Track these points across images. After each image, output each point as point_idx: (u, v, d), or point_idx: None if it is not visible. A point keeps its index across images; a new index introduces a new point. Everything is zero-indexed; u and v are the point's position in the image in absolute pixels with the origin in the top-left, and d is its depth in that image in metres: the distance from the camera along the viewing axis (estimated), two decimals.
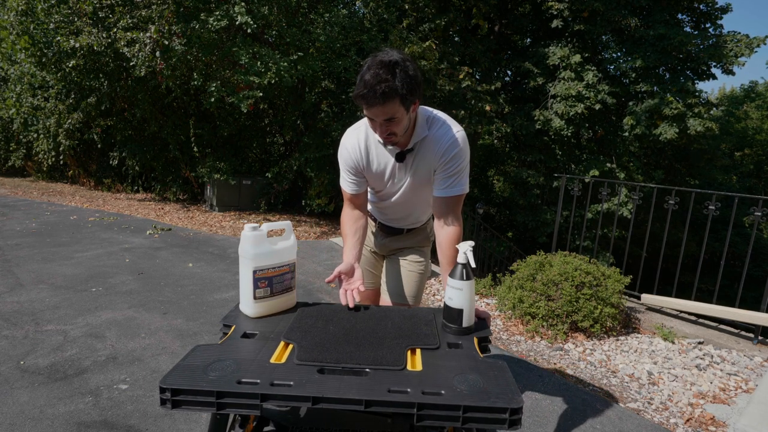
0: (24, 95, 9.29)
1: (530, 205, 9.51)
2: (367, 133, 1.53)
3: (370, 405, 0.90)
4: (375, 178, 1.59)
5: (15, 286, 3.59)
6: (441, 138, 1.47)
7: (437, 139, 1.47)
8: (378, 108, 1.29)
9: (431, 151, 1.48)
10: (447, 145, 1.46)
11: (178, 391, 0.91)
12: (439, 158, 1.48)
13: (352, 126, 1.58)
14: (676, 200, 3.52)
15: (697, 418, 2.31)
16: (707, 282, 6.70)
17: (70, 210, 7.07)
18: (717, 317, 3.28)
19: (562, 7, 8.68)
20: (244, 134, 9.03)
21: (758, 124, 18.24)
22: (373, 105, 1.28)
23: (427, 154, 1.49)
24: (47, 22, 6.55)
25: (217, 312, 3.26)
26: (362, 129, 1.54)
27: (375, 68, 1.26)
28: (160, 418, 2.02)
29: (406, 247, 1.80)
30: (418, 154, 1.50)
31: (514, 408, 0.88)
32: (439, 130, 1.48)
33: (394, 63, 1.27)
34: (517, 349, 3.02)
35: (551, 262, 3.43)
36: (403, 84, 1.27)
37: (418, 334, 1.19)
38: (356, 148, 1.53)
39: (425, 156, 1.49)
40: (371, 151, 1.54)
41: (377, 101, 1.27)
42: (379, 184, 1.60)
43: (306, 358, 1.03)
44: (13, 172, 12.60)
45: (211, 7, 6.14)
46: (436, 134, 1.47)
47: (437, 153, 1.47)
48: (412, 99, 1.33)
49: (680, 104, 8.08)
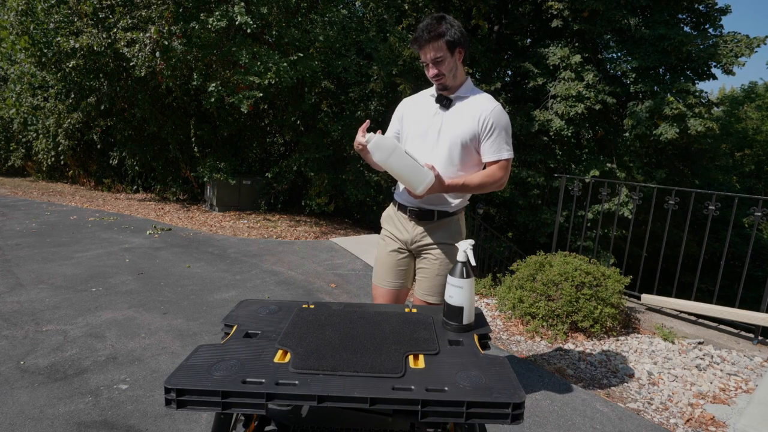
0: (24, 95, 9.30)
1: (530, 206, 9.51)
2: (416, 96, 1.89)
3: (375, 403, 0.90)
4: (415, 121, 1.81)
5: (15, 286, 3.59)
6: (481, 104, 1.73)
7: (477, 104, 1.74)
8: (427, 47, 1.65)
9: (471, 113, 1.73)
10: (488, 112, 1.71)
11: (183, 391, 0.91)
12: (478, 122, 1.71)
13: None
14: (676, 200, 3.52)
15: (697, 418, 2.31)
16: (707, 282, 6.71)
17: (70, 210, 7.07)
18: (717, 317, 3.28)
19: (562, 7, 8.69)
20: (244, 134, 9.03)
21: (758, 125, 18.26)
22: (423, 45, 1.65)
23: (467, 113, 1.73)
24: (47, 22, 6.56)
25: (217, 312, 3.26)
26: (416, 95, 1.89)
27: (428, 20, 1.66)
28: (160, 418, 2.02)
29: (437, 243, 1.81)
30: (459, 109, 1.75)
31: (516, 403, 0.89)
32: (480, 98, 1.76)
33: (442, 17, 1.67)
34: (517, 349, 3.03)
35: (551, 262, 3.43)
36: (447, 30, 1.64)
37: (417, 339, 1.18)
38: (403, 103, 1.90)
39: (463, 114, 1.74)
40: (417, 103, 1.85)
41: (426, 41, 1.64)
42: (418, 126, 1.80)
43: (302, 366, 1.01)
44: (13, 172, 12.60)
45: (210, 7, 6.15)
46: (476, 100, 1.75)
47: (476, 116, 1.71)
48: (455, 44, 1.67)
49: (680, 104, 8.09)
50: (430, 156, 1.74)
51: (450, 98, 1.75)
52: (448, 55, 1.67)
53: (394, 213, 1.89)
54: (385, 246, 1.90)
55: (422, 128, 1.78)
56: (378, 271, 1.92)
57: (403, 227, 1.85)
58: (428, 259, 1.83)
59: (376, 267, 1.94)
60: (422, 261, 1.85)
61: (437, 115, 1.76)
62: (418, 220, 1.81)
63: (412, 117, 1.82)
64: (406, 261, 1.88)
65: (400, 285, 1.89)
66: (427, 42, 1.64)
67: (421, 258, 1.86)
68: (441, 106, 1.76)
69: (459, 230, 1.85)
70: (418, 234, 1.82)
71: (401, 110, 1.87)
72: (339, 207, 8.59)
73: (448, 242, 1.82)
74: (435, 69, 1.68)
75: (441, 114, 1.76)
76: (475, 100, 1.75)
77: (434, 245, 1.81)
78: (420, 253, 1.86)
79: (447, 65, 1.68)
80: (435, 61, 1.66)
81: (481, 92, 1.79)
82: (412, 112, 1.83)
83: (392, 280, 1.88)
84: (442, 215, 1.81)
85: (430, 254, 1.82)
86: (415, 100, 1.86)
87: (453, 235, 1.83)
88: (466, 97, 1.75)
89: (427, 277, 1.83)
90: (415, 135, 1.79)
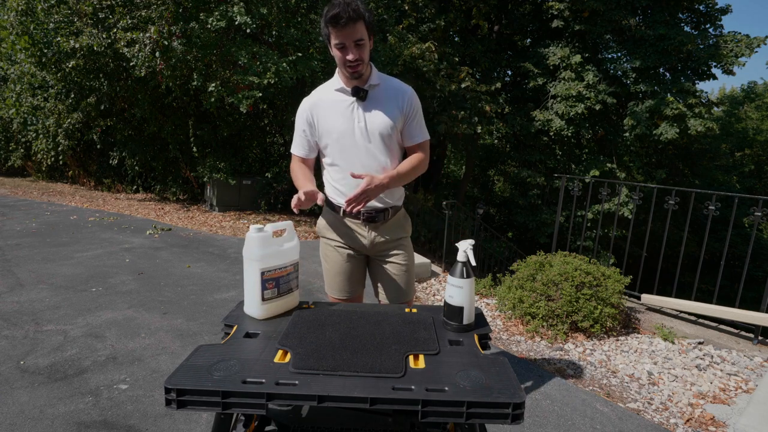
0: (24, 95, 9.30)
1: (530, 206, 9.52)
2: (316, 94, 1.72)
3: (375, 403, 0.90)
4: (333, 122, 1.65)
5: (15, 286, 3.59)
6: (399, 89, 1.68)
7: (395, 89, 1.67)
8: (350, 27, 1.47)
9: (390, 99, 1.65)
10: (408, 95, 1.67)
11: (183, 392, 0.91)
12: (401, 107, 1.65)
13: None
14: (676, 200, 3.52)
15: (697, 418, 2.31)
16: (707, 282, 6.71)
17: (70, 210, 7.07)
18: (717, 317, 3.28)
19: (562, 7, 8.69)
20: (244, 134, 9.03)
21: (758, 125, 18.26)
22: (345, 25, 1.46)
23: (386, 100, 1.65)
24: (47, 22, 6.56)
25: (217, 312, 3.26)
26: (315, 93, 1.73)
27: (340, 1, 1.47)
28: (160, 418, 2.02)
29: (391, 242, 1.76)
30: (377, 98, 1.65)
31: (516, 403, 0.89)
32: (394, 82, 1.70)
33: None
34: (517, 349, 3.03)
35: (551, 262, 3.43)
36: (365, 11, 1.51)
37: (417, 339, 1.18)
38: (307, 105, 1.71)
39: (382, 101, 1.65)
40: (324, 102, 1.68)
41: (349, 21, 1.46)
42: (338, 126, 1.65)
43: (302, 366, 1.01)
44: (13, 172, 12.60)
45: (210, 7, 6.15)
46: (391, 84, 1.68)
47: (398, 102, 1.65)
48: (372, 28, 1.56)
49: (681, 104, 8.09)
50: (365, 153, 1.64)
51: (365, 89, 1.61)
52: (367, 38, 1.55)
53: (338, 221, 1.75)
54: (337, 255, 1.78)
55: (345, 127, 1.64)
56: (335, 282, 1.82)
57: (356, 234, 1.74)
58: (390, 261, 1.77)
59: (331, 278, 1.83)
60: (383, 264, 1.78)
61: (356, 109, 1.63)
62: (373, 222, 1.71)
63: (326, 119, 1.66)
64: (363, 266, 1.83)
65: (358, 291, 1.86)
66: (352, 21, 1.46)
67: (380, 260, 1.78)
68: (358, 99, 1.62)
69: (407, 220, 1.83)
70: (375, 236, 1.73)
71: (307, 114, 1.69)
72: None
73: (404, 236, 1.79)
74: (356, 53, 1.52)
75: (359, 107, 1.63)
76: (390, 85, 1.68)
77: (392, 244, 1.76)
78: (379, 255, 1.78)
79: (366, 49, 1.56)
80: (358, 44, 1.52)
81: (387, 75, 1.71)
82: (323, 114, 1.66)
83: (351, 288, 1.83)
84: (395, 210, 1.75)
85: (391, 254, 1.77)
86: (319, 99, 1.69)
87: (404, 226, 1.80)
88: (377, 84, 1.65)
89: (392, 280, 1.77)
90: (340, 137, 1.65)
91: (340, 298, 1.85)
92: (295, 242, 1.36)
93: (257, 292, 1.27)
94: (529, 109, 9.21)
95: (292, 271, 1.35)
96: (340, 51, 1.54)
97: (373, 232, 1.73)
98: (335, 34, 1.50)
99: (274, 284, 1.29)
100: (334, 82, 1.67)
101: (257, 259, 1.27)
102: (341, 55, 1.54)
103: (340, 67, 1.60)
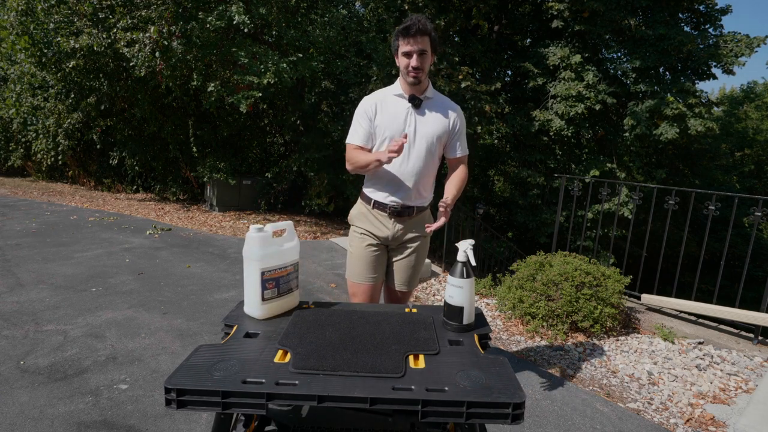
0: (24, 95, 9.30)
1: (530, 206, 9.51)
2: (380, 93, 1.90)
3: (375, 403, 0.90)
4: (389, 121, 1.84)
5: (15, 286, 3.59)
6: (449, 105, 1.91)
7: (446, 104, 1.90)
8: (418, 37, 1.70)
9: (441, 113, 1.87)
10: (458, 113, 1.91)
11: (183, 392, 0.91)
12: (450, 122, 1.88)
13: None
14: (676, 200, 3.52)
15: (697, 418, 2.31)
16: (707, 282, 6.70)
17: (70, 210, 7.07)
18: (717, 317, 3.28)
19: (562, 7, 8.68)
20: (244, 134, 9.03)
21: (758, 125, 18.26)
22: (414, 35, 1.70)
23: (437, 114, 1.86)
24: (47, 23, 6.56)
25: (217, 312, 3.26)
26: (377, 93, 1.91)
27: (417, 15, 1.72)
28: (160, 418, 2.02)
29: (411, 237, 1.95)
30: (428, 110, 1.86)
31: (516, 403, 0.89)
32: (446, 100, 1.92)
33: (427, 18, 1.75)
34: (517, 349, 3.03)
35: (551, 262, 3.43)
36: (433, 30, 1.75)
37: (417, 339, 1.18)
38: (371, 101, 1.88)
39: (434, 114, 1.86)
40: (385, 102, 1.87)
41: (418, 32, 1.70)
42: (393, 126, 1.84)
43: (302, 366, 1.01)
44: (13, 172, 12.60)
45: (210, 6, 6.15)
46: (443, 101, 1.91)
47: (448, 117, 1.87)
48: (436, 45, 1.78)
49: (681, 104, 8.08)
50: (406, 155, 1.83)
51: (420, 98, 1.84)
52: (430, 52, 1.76)
53: (368, 211, 1.94)
54: (361, 243, 1.95)
55: (398, 128, 1.83)
56: (357, 268, 1.97)
57: (381, 224, 1.92)
58: (406, 253, 1.97)
59: (353, 264, 1.98)
60: (399, 254, 1.97)
61: (410, 114, 1.84)
62: (399, 216, 1.90)
63: (385, 117, 1.85)
64: (383, 255, 1.98)
65: (378, 279, 1.99)
66: (420, 33, 1.70)
67: (398, 251, 1.98)
68: (413, 106, 1.84)
69: (429, 221, 2.00)
70: (398, 230, 1.92)
71: (371, 109, 1.87)
72: (339, 207, 8.59)
73: (422, 234, 1.97)
74: (418, 61, 1.74)
75: (413, 113, 1.84)
76: (443, 101, 1.90)
77: (411, 239, 1.96)
78: (398, 246, 1.97)
79: (428, 61, 1.77)
80: (421, 53, 1.73)
81: (441, 94, 1.92)
82: (383, 112, 1.85)
83: (372, 275, 1.96)
84: (420, 210, 1.94)
85: (408, 248, 1.96)
86: (382, 99, 1.88)
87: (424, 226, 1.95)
88: (432, 98, 1.87)
89: (403, 269, 1.98)
90: (393, 135, 1.84)
91: (359, 282, 1.97)
92: (295, 242, 1.36)
93: (257, 292, 1.27)
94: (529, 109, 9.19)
95: (292, 271, 1.35)
96: (406, 58, 1.76)
97: (398, 225, 1.92)
98: (404, 42, 1.73)
99: (274, 284, 1.29)
100: (394, 88, 1.88)
101: (257, 259, 1.27)
102: (406, 62, 1.76)
103: (403, 75, 1.81)
